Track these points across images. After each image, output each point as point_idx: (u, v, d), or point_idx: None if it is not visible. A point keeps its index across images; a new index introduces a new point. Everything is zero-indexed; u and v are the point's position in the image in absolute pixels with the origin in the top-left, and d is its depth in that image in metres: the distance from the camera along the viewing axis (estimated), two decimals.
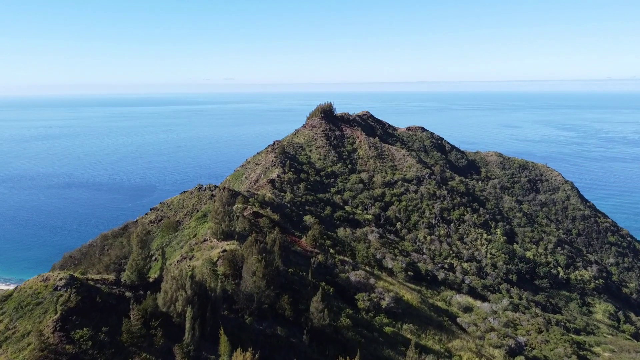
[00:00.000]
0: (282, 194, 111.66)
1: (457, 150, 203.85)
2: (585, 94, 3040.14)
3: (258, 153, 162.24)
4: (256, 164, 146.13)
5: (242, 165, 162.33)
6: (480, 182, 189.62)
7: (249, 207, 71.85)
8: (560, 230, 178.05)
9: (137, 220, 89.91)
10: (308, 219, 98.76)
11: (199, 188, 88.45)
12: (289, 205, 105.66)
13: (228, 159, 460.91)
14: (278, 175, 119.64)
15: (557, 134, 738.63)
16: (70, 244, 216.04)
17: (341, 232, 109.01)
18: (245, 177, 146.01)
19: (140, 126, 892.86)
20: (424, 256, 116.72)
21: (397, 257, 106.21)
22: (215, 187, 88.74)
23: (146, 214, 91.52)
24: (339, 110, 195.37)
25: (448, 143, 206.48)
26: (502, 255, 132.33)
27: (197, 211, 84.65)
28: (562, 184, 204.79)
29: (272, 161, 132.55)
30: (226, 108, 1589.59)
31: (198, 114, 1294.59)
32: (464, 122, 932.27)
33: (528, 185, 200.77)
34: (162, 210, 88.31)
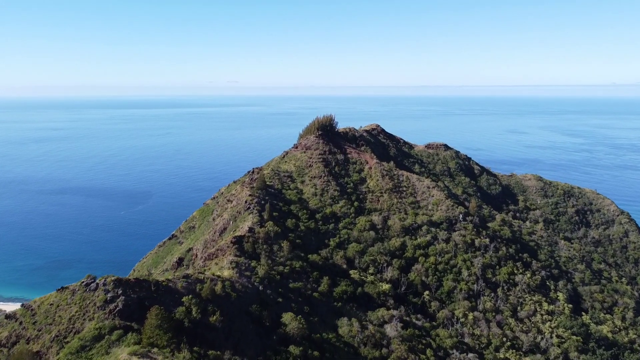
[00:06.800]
0: (254, 262, 71.90)
1: (489, 173, 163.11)
2: (590, 99, 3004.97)
3: (234, 182, 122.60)
4: (228, 200, 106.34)
5: (214, 198, 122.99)
6: (519, 214, 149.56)
7: None
8: (624, 279, 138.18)
9: None
10: (289, 319, 59.27)
11: (87, 284, 47.80)
12: (261, 287, 65.98)
13: (224, 168, 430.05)
14: (251, 229, 79.91)
15: (565, 140, 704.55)
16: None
17: (344, 327, 69.26)
18: (213, 218, 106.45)
19: (140, 129, 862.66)
20: (470, 356, 76.89)
21: None
22: (120, 281, 48.40)
23: None
24: (341, 122, 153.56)
25: (477, 164, 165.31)
26: (573, 337, 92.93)
27: (75, 332, 45.00)
28: (617, 215, 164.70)
29: (247, 202, 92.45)
30: (229, 111, 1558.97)
31: (200, 116, 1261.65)
32: (468, 127, 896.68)
33: (576, 217, 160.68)
34: (20, 323, 48.72)
